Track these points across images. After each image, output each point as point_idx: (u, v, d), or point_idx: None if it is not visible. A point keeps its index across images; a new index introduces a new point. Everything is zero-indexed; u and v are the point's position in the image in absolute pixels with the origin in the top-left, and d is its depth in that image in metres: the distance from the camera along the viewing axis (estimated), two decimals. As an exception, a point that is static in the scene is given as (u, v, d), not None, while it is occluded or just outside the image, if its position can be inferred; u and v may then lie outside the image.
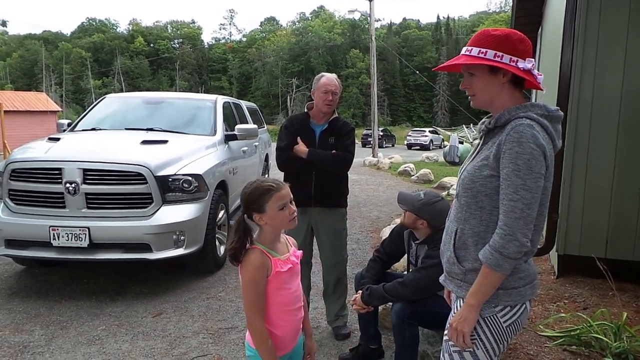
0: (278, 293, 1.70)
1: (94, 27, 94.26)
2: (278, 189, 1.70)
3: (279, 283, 1.69)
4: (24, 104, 25.85)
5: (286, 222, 1.72)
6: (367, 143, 29.71)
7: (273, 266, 1.67)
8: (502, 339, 1.55)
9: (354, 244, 5.69)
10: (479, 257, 1.48)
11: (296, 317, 1.78)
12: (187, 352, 3.03)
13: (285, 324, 1.74)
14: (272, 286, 1.69)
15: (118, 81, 73.75)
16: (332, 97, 3.05)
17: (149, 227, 3.85)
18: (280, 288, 1.70)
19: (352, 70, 77.68)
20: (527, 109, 1.48)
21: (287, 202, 1.71)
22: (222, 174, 4.87)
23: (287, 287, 1.73)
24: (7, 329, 3.34)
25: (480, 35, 1.53)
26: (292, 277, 1.75)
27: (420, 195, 2.52)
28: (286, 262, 1.72)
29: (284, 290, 1.71)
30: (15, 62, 76.05)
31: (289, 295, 1.74)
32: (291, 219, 1.72)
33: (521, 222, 1.41)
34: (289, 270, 1.72)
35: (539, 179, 1.41)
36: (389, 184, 11.65)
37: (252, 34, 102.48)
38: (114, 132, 5.01)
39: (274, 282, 1.68)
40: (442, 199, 2.55)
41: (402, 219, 2.63)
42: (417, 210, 2.47)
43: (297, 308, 1.78)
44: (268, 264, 1.67)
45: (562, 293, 3.59)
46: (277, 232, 1.76)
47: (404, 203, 2.56)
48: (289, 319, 1.75)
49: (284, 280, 1.71)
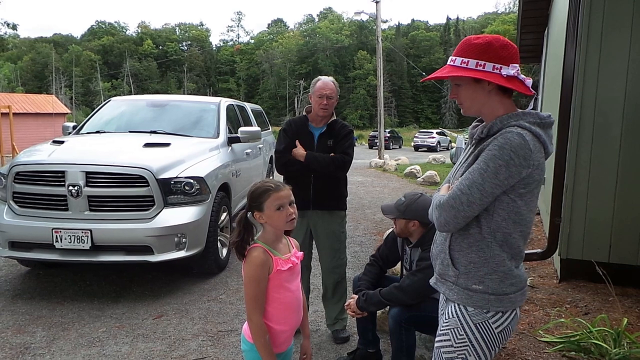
0: (278, 291, 1.76)
1: (104, 30, 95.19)
2: (277, 189, 1.76)
3: (279, 281, 1.75)
4: (34, 107, 26.16)
5: (283, 222, 1.76)
6: (373, 145, 29.67)
7: (274, 264, 1.73)
8: (494, 344, 1.55)
9: (357, 246, 5.69)
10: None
11: (295, 315, 1.83)
12: (185, 355, 3.04)
13: (284, 320, 1.79)
14: (273, 284, 1.74)
15: (127, 83, 74.40)
16: (326, 101, 3.05)
17: (150, 229, 3.87)
18: (280, 286, 1.76)
19: (359, 71, 77.67)
20: (519, 118, 1.48)
21: (285, 203, 1.75)
22: (225, 177, 4.89)
23: (287, 286, 1.78)
24: (9, 330, 3.38)
25: (463, 44, 1.53)
26: (293, 276, 1.81)
27: (401, 199, 2.55)
28: (287, 262, 1.77)
29: (283, 288, 1.77)
30: (26, 65, 76.99)
31: (289, 294, 1.79)
32: (288, 220, 1.76)
33: (454, 212, 1.47)
34: (289, 269, 1.77)
35: (498, 187, 1.43)
36: (394, 186, 11.62)
37: (260, 36, 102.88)
38: (117, 135, 5.05)
39: (275, 280, 1.74)
40: (422, 194, 2.58)
41: (395, 229, 2.63)
42: (404, 213, 2.48)
43: (297, 307, 1.83)
44: (270, 263, 1.73)
45: (564, 298, 3.55)
46: (279, 232, 1.80)
47: (389, 212, 2.57)
48: (288, 316, 1.80)
49: (284, 278, 1.76)
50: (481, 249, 1.51)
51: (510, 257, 1.51)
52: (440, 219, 1.50)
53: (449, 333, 1.58)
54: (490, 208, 1.47)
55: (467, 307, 1.53)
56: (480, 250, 1.51)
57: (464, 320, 1.54)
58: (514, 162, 1.40)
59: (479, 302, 1.52)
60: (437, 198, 1.54)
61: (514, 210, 1.47)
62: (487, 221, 1.49)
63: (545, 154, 1.50)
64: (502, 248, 1.50)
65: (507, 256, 1.51)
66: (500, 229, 1.48)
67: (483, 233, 1.50)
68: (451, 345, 1.57)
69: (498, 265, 1.50)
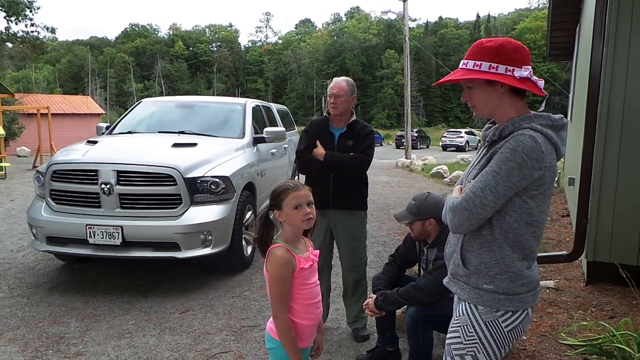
0: (300, 288, 1.82)
1: (137, 32, 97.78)
2: (295, 189, 1.82)
3: (301, 279, 1.81)
4: (71, 107, 27.15)
5: (299, 221, 1.81)
6: (400, 144, 29.45)
7: (297, 263, 1.80)
8: (503, 343, 1.57)
9: (380, 246, 5.70)
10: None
11: (316, 310, 1.89)
12: (210, 348, 3.14)
13: (307, 315, 1.85)
14: (296, 282, 1.81)
15: (159, 84, 76.18)
16: (334, 99, 3.10)
17: (177, 226, 4.00)
18: (302, 283, 1.82)
19: (387, 71, 77.14)
20: (531, 120, 1.49)
21: (303, 203, 1.80)
22: (250, 176, 4.99)
23: (308, 282, 1.85)
24: (46, 320, 3.57)
25: (475, 47, 1.54)
26: (312, 273, 1.88)
27: (412, 203, 2.58)
28: (308, 260, 1.84)
29: (305, 285, 1.83)
30: (64, 67, 79.95)
31: (310, 290, 1.85)
32: (305, 219, 1.80)
33: (467, 214, 1.48)
34: (310, 267, 1.84)
35: (510, 189, 1.45)
36: (420, 186, 11.53)
37: (288, 36, 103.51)
38: (147, 135, 5.23)
39: (298, 278, 1.80)
40: (429, 193, 2.62)
41: (412, 234, 2.65)
42: (417, 215, 2.51)
43: (317, 302, 1.89)
44: (293, 262, 1.79)
45: (590, 301, 3.49)
46: (297, 231, 1.86)
47: (404, 218, 2.60)
48: (311, 311, 1.86)
49: (306, 276, 1.83)
50: (492, 249, 1.53)
51: (521, 257, 1.53)
52: (454, 221, 1.53)
53: (459, 330, 1.61)
54: (503, 210, 1.49)
55: (477, 305, 1.56)
56: (492, 251, 1.53)
57: (474, 318, 1.56)
58: (527, 164, 1.42)
59: (490, 301, 1.54)
60: (451, 200, 1.57)
61: (526, 212, 1.49)
62: (499, 222, 1.50)
63: (557, 156, 1.51)
64: (513, 249, 1.52)
65: (518, 257, 1.52)
66: (512, 230, 1.50)
67: (495, 234, 1.52)
68: (461, 342, 1.59)
69: (509, 265, 1.52)
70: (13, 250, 5.39)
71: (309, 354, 1.97)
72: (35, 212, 4.27)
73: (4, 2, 22.30)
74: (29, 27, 24.14)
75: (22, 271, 4.68)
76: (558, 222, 6.50)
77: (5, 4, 22.44)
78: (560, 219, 6.62)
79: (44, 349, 3.13)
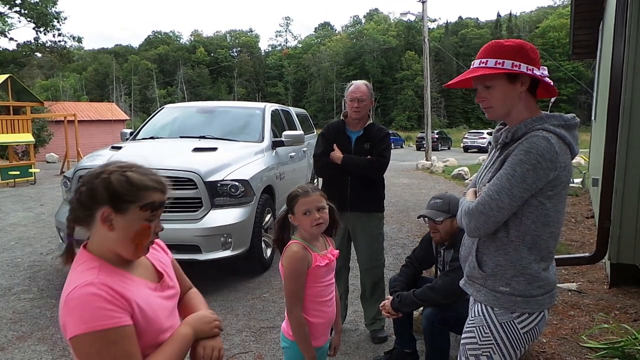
0: (315, 285, 1.85)
1: (160, 40, 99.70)
2: (304, 195, 1.85)
3: (316, 276, 1.85)
4: (96, 114, 27.85)
5: (309, 227, 1.84)
6: (421, 146, 29.20)
7: (313, 260, 1.83)
8: (519, 344, 1.57)
9: (399, 248, 5.70)
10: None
11: (328, 308, 1.91)
12: (229, 349, 3.20)
13: (319, 313, 1.88)
14: (310, 278, 1.84)
15: (181, 90, 77.45)
16: (358, 104, 3.12)
17: (198, 229, 4.09)
18: (316, 281, 1.85)
19: (407, 72, 76.65)
20: (544, 121, 1.49)
21: (312, 209, 1.83)
22: (269, 179, 5.06)
23: (322, 280, 1.87)
24: (73, 320, 3.69)
25: (494, 46, 1.54)
26: (328, 271, 1.91)
27: (437, 202, 2.58)
28: (324, 258, 1.87)
29: (320, 283, 1.86)
30: (90, 75, 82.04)
31: (324, 288, 1.88)
32: (314, 224, 1.83)
33: (484, 218, 1.49)
34: (326, 265, 1.87)
35: (526, 191, 1.45)
36: (441, 188, 11.43)
37: (307, 40, 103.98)
38: (169, 141, 5.36)
39: (312, 275, 1.84)
40: (446, 192, 2.68)
41: (437, 235, 2.58)
42: (448, 211, 2.49)
43: (328, 300, 1.91)
44: (309, 258, 1.83)
45: (614, 304, 3.42)
46: (310, 234, 1.89)
47: (437, 216, 2.52)
48: (322, 309, 1.89)
49: (320, 274, 1.86)
50: (508, 252, 1.53)
51: (539, 259, 1.53)
52: (470, 225, 1.53)
53: (474, 331, 1.61)
54: (519, 212, 1.49)
55: (493, 307, 1.56)
56: (507, 254, 1.53)
57: (490, 319, 1.57)
58: (541, 165, 1.42)
59: (506, 303, 1.54)
60: (466, 204, 1.57)
61: (542, 213, 1.49)
62: (516, 225, 1.50)
63: (572, 155, 1.50)
64: (530, 251, 1.51)
65: (535, 258, 1.52)
66: (530, 232, 1.50)
67: (510, 237, 1.52)
68: (476, 343, 1.60)
69: (525, 268, 1.52)
70: (43, 253, 5.59)
71: (325, 353, 1.99)
72: (62, 216, 4.42)
73: (33, 13, 23.10)
74: (57, 37, 24.99)
75: (51, 273, 4.84)
76: (582, 223, 6.37)
77: (34, 16, 23.23)
78: (584, 221, 6.48)
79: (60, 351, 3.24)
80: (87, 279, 1.10)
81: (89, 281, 1.10)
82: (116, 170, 1.18)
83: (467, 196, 1.64)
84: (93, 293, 1.08)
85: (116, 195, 1.15)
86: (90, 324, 1.06)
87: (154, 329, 1.20)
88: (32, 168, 12.99)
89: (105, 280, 1.12)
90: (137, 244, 1.19)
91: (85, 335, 1.06)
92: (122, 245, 1.18)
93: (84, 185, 1.17)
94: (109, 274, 1.15)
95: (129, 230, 1.17)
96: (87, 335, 1.06)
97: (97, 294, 1.08)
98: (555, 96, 1.59)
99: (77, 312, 1.07)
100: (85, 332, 1.05)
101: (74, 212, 1.18)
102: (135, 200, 1.17)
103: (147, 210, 1.19)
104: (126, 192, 1.16)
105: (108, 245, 1.18)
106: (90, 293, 1.08)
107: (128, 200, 1.16)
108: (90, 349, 1.06)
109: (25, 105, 13.65)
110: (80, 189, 1.17)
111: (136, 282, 1.21)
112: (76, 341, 1.07)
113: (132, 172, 1.19)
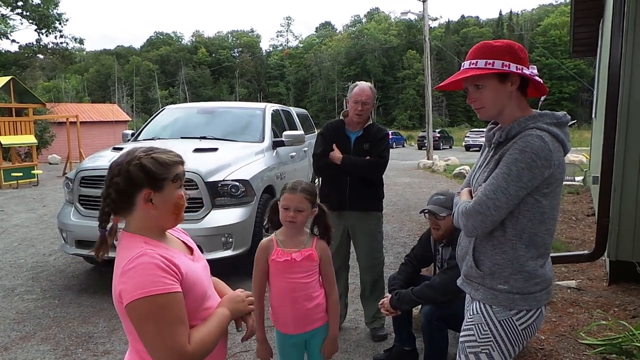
0: (274, 278, 2.01)
1: (161, 40, 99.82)
2: (290, 191, 1.98)
3: (275, 270, 1.99)
4: (98, 115, 27.92)
5: (283, 220, 1.98)
6: (422, 145, 29.20)
7: (272, 253, 1.97)
8: (517, 341, 1.58)
9: (400, 247, 5.71)
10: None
11: (289, 306, 2.00)
12: (231, 347, 3.22)
13: (277, 304, 2.02)
14: (270, 270, 2.02)
15: (182, 91, 77.54)
16: (361, 107, 3.14)
17: (199, 229, 4.11)
18: (275, 274, 2.00)
19: (408, 71, 76.54)
20: (536, 119, 1.51)
21: (291, 207, 1.94)
22: (270, 179, 5.08)
23: (284, 277, 1.98)
24: (75, 320, 3.72)
25: (483, 48, 1.56)
26: (291, 270, 1.98)
27: (439, 198, 2.59)
28: (285, 255, 1.97)
29: (280, 277, 1.99)
30: (92, 76, 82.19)
31: (284, 285, 2.00)
32: (285, 220, 1.96)
33: (481, 217, 1.50)
34: (285, 262, 1.97)
35: (522, 190, 1.46)
36: (442, 187, 11.42)
37: (308, 40, 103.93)
38: (170, 141, 5.38)
39: (272, 267, 2.01)
40: (447, 190, 2.69)
41: (438, 231, 2.59)
42: (451, 207, 2.48)
43: (291, 300, 1.99)
44: (270, 250, 1.99)
45: (613, 301, 3.43)
46: (287, 229, 2.00)
47: (441, 211, 2.52)
48: (282, 303, 2.02)
49: (280, 269, 1.98)
50: (505, 250, 1.55)
51: (536, 256, 1.54)
52: (468, 225, 1.54)
53: (473, 328, 1.63)
54: (515, 210, 1.50)
55: (492, 305, 1.58)
56: (505, 252, 1.55)
57: (488, 317, 1.58)
58: (536, 163, 1.44)
59: (504, 301, 1.56)
60: (462, 205, 1.58)
61: (539, 210, 1.51)
62: (513, 223, 1.52)
63: (564, 152, 1.52)
64: (528, 248, 1.53)
65: (532, 255, 1.54)
66: (527, 229, 1.52)
67: (507, 235, 1.53)
68: (475, 340, 1.62)
69: (522, 265, 1.53)
70: (45, 254, 5.63)
71: (299, 344, 2.08)
72: (64, 217, 4.46)
73: (35, 15, 23.17)
74: (59, 38, 25.04)
75: (53, 274, 4.88)
76: (583, 221, 6.38)
77: (36, 17, 23.30)
78: (585, 219, 6.49)
79: (73, 347, 3.28)
80: (140, 251, 1.23)
81: (142, 252, 1.23)
82: (143, 155, 1.30)
83: (461, 196, 1.66)
84: (148, 262, 1.21)
85: (153, 176, 1.28)
86: (145, 289, 1.17)
87: (199, 294, 1.33)
88: (35, 169, 13.05)
89: (155, 250, 1.25)
90: (177, 213, 1.34)
91: (141, 300, 1.17)
92: (164, 218, 1.33)
93: (116, 175, 1.27)
94: (156, 245, 1.29)
95: (168, 202, 1.31)
96: (143, 300, 1.17)
97: (151, 262, 1.21)
98: (545, 94, 1.60)
99: (134, 280, 1.18)
100: (141, 297, 1.17)
101: (112, 203, 1.29)
102: (168, 176, 1.30)
103: (178, 181, 1.33)
104: (160, 172, 1.29)
105: (149, 223, 1.31)
106: (145, 262, 1.20)
107: (163, 177, 1.29)
108: (146, 312, 1.18)
109: (27, 107, 13.71)
110: (114, 180, 1.28)
111: (177, 252, 1.34)
112: (132, 306, 1.18)
113: (156, 154, 1.32)
